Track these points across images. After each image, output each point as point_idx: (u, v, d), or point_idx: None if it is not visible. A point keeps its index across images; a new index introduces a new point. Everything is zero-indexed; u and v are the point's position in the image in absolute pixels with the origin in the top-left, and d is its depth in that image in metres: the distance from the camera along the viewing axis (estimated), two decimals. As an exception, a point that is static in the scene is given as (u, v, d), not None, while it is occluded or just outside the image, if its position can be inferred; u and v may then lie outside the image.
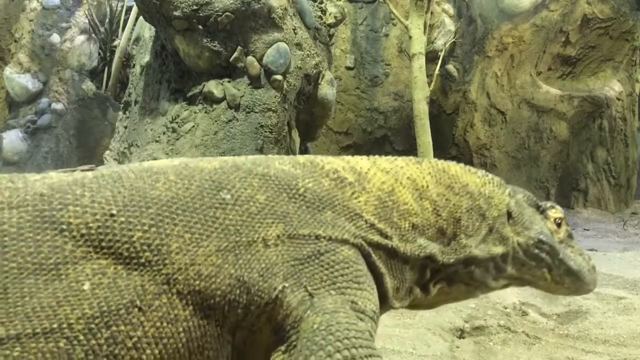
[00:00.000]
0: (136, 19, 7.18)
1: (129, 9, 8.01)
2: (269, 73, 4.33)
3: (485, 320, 3.10)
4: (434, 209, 1.45)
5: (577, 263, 1.68)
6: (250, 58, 4.32)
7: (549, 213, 1.68)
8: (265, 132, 4.29)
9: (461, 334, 3.00)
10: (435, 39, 7.27)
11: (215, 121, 4.30)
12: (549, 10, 7.30)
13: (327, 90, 4.85)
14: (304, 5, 4.72)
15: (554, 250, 1.62)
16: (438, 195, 1.48)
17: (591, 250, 4.92)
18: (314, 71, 4.64)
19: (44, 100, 8.05)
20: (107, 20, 8.28)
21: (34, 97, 8.07)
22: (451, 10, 7.46)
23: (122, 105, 5.49)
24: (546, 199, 4.29)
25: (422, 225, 1.43)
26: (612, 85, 7.97)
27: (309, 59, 4.57)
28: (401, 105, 7.57)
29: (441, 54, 6.48)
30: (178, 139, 4.36)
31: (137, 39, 5.90)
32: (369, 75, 7.66)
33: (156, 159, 4.56)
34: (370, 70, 7.66)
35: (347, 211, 1.32)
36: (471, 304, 3.27)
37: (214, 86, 4.33)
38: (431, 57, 6.66)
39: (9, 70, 8.06)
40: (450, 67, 7.43)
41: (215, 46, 4.25)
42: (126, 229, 1.05)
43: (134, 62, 5.43)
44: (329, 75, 4.92)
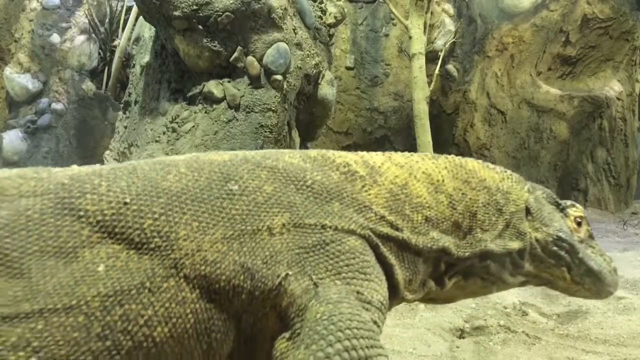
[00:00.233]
0: (136, 19, 7.18)
1: (129, 9, 8.01)
2: (269, 73, 4.33)
3: (485, 320, 3.10)
4: (450, 202, 1.47)
5: (598, 264, 1.65)
6: (250, 58, 4.32)
7: (569, 211, 1.67)
8: (265, 132, 4.29)
9: (461, 334, 3.00)
10: (435, 39, 7.27)
11: (215, 121, 4.30)
12: (549, 10, 7.30)
13: (327, 90, 4.85)
14: (304, 5, 4.72)
15: (574, 248, 1.60)
16: (454, 189, 1.49)
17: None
18: (314, 71, 4.64)
19: (44, 100, 8.04)
20: (107, 20, 8.28)
21: (34, 97, 8.07)
22: (451, 10, 7.46)
23: (122, 105, 5.49)
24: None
25: (436, 218, 1.44)
26: (612, 85, 7.97)
27: (309, 59, 4.57)
28: (401, 105, 7.57)
29: (441, 54, 6.48)
30: (178, 139, 4.36)
31: (137, 39, 5.90)
32: (369, 75, 7.66)
33: (156, 159, 4.56)
34: (370, 70, 7.66)
35: (356, 203, 1.34)
36: (471, 304, 3.27)
37: (214, 86, 4.33)
38: (431, 57, 6.66)
39: (9, 70, 8.06)
40: (450, 67, 7.43)
41: (215, 46, 4.25)
42: (138, 217, 1.12)
43: (134, 62, 5.43)
44: (329, 75, 4.92)
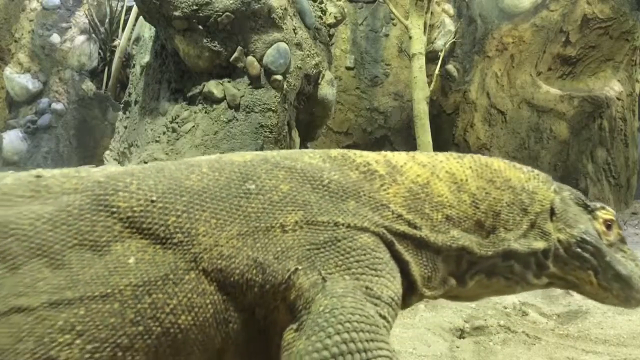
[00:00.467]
0: (136, 19, 7.18)
1: (129, 9, 8.00)
2: (269, 73, 4.33)
3: (485, 320, 3.10)
4: (472, 201, 1.47)
5: (628, 269, 1.59)
6: (250, 58, 4.32)
7: (598, 213, 1.63)
8: (265, 132, 4.29)
9: (461, 334, 3.00)
10: (435, 39, 7.27)
11: (215, 121, 4.30)
12: (549, 10, 7.30)
13: (327, 90, 4.85)
14: (304, 5, 4.72)
15: (600, 251, 1.56)
16: (477, 188, 1.49)
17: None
18: (314, 71, 4.64)
19: (44, 100, 8.04)
20: (107, 20, 8.27)
21: (34, 97, 8.06)
22: (451, 10, 7.46)
23: (122, 105, 5.48)
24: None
25: (458, 217, 1.45)
26: (612, 85, 7.96)
27: (309, 59, 4.57)
28: (401, 105, 7.57)
29: (441, 54, 6.48)
30: (178, 139, 4.36)
31: (137, 39, 5.89)
32: (369, 75, 7.66)
33: (156, 159, 4.57)
34: (370, 70, 7.65)
35: (373, 202, 1.37)
36: (471, 304, 3.27)
37: (214, 86, 4.33)
38: (431, 57, 6.65)
39: (9, 70, 8.06)
40: (450, 67, 7.42)
41: (215, 46, 4.25)
42: (163, 214, 1.21)
43: (134, 62, 5.43)
44: (329, 75, 4.92)
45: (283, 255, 1.23)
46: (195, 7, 4.14)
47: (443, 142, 7.34)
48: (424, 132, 5.46)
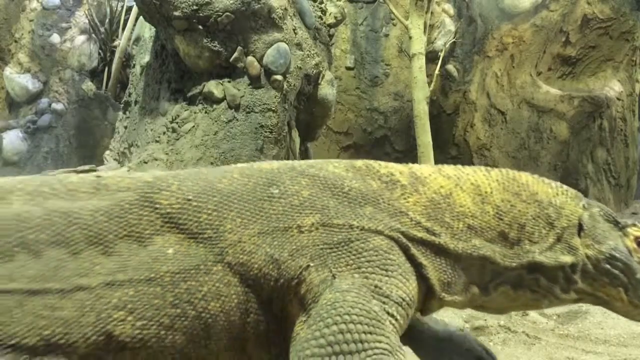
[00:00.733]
0: (136, 19, 7.18)
1: (129, 9, 8.00)
2: (269, 73, 4.32)
3: (485, 320, 3.10)
4: (496, 213, 1.53)
5: None
6: (250, 58, 4.32)
7: (628, 230, 1.63)
8: (265, 132, 4.29)
9: (461, 334, 2.99)
10: (435, 39, 7.27)
11: (215, 121, 4.30)
12: (549, 10, 7.30)
13: (327, 90, 4.85)
14: (304, 5, 4.72)
15: (630, 268, 1.57)
16: (502, 200, 1.54)
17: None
18: (314, 71, 4.64)
19: (44, 100, 8.04)
20: (107, 20, 8.27)
21: (34, 97, 8.06)
22: (451, 10, 7.46)
23: (122, 105, 5.48)
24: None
25: (480, 227, 1.51)
26: (612, 85, 7.96)
27: (309, 59, 4.57)
28: (401, 105, 7.57)
29: (441, 54, 6.47)
30: (178, 139, 4.36)
31: (137, 39, 5.89)
32: (369, 75, 7.66)
33: (156, 159, 4.56)
34: (370, 70, 7.65)
35: (391, 209, 1.44)
36: (471, 304, 3.26)
37: (214, 86, 4.33)
38: (431, 57, 6.65)
39: (9, 70, 8.06)
40: (450, 67, 7.42)
41: (215, 46, 4.24)
42: (196, 212, 1.35)
43: (134, 62, 5.43)
44: (329, 75, 4.92)
45: (297, 253, 1.33)
46: (195, 7, 4.14)
47: (443, 142, 7.34)
48: (424, 132, 5.46)
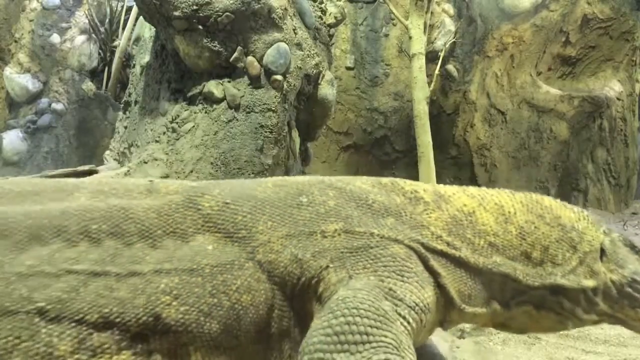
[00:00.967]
0: (136, 19, 7.18)
1: (129, 9, 8.00)
2: (269, 73, 4.32)
3: (485, 320, 3.09)
4: (519, 233, 1.60)
5: None
6: (250, 58, 4.32)
7: None
8: (265, 132, 4.29)
9: (461, 334, 3.00)
10: (435, 39, 7.27)
11: (215, 121, 4.30)
12: (549, 10, 7.30)
13: (327, 90, 4.85)
14: (304, 5, 4.72)
15: None
16: (526, 222, 1.61)
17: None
18: (314, 71, 4.64)
19: (44, 100, 8.04)
20: (107, 20, 8.27)
21: (34, 97, 8.06)
22: (451, 10, 7.46)
23: (122, 105, 5.48)
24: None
25: (502, 245, 1.58)
26: (612, 85, 7.96)
27: (309, 59, 4.57)
28: (401, 105, 7.57)
29: (441, 54, 6.47)
30: (178, 139, 4.36)
31: (137, 39, 5.89)
32: (369, 75, 7.66)
33: (156, 159, 4.56)
34: (370, 70, 7.65)
35: (413, 222, 1.54)
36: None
37: (214, 86, 4.33)
38: (431, 57, 6.66)
39: (9, 70, 8.06)
40: (450, 67, 7.42)
41: (215, 46, 4.24)
42: (233, 214, 1.51)
43: (134, 62, 5.43)
44: (329, 75, 4.91)
45: (319, 254, 1.44)
46: (195, 7, 4.14)
47: (443, 142, 7.34)
48: (424, 132, 5.46)
